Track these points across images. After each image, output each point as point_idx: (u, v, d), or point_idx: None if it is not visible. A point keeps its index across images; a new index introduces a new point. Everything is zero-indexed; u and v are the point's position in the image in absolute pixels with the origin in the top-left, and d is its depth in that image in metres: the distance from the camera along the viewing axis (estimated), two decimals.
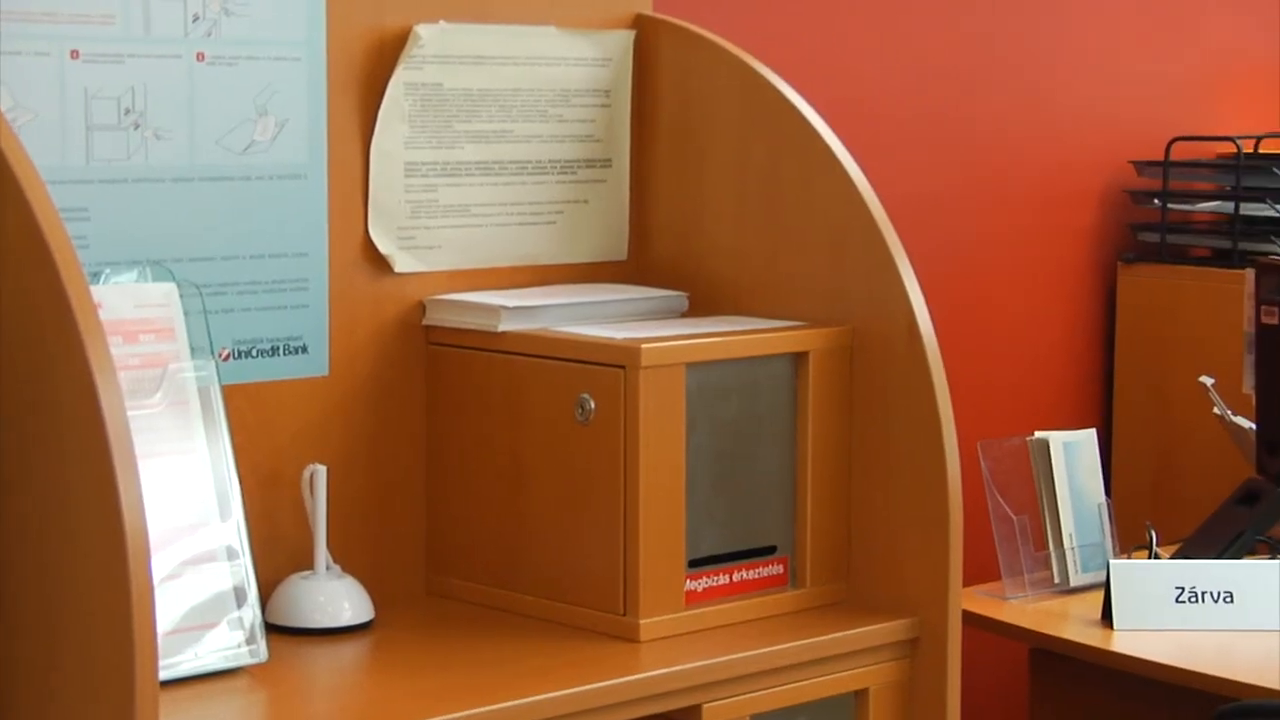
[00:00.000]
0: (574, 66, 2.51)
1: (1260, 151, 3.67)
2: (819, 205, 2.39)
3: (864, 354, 2.36)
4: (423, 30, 2.37)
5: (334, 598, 2.24)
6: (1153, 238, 3.68)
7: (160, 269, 2.15)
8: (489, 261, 2.47)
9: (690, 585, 2.25)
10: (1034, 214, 3.60)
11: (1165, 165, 3.64)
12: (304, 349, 2.32)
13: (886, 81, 3.36)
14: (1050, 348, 3.65)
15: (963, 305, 3.47)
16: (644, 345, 2.20)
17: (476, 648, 2.19)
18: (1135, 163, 3.69)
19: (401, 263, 2.39)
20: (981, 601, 2.94)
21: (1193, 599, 2.83)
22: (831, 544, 2.37)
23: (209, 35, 2.22)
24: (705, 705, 2.14)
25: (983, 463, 2.96)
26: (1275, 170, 3.58)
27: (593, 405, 2.22)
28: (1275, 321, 3.05)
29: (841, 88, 3.24)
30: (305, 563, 2.27)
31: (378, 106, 2.35)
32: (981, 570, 2.99)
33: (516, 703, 1.99)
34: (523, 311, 2.34)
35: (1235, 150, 3.59)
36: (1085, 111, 3.66)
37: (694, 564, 2.26)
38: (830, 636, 2.25)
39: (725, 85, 2.48)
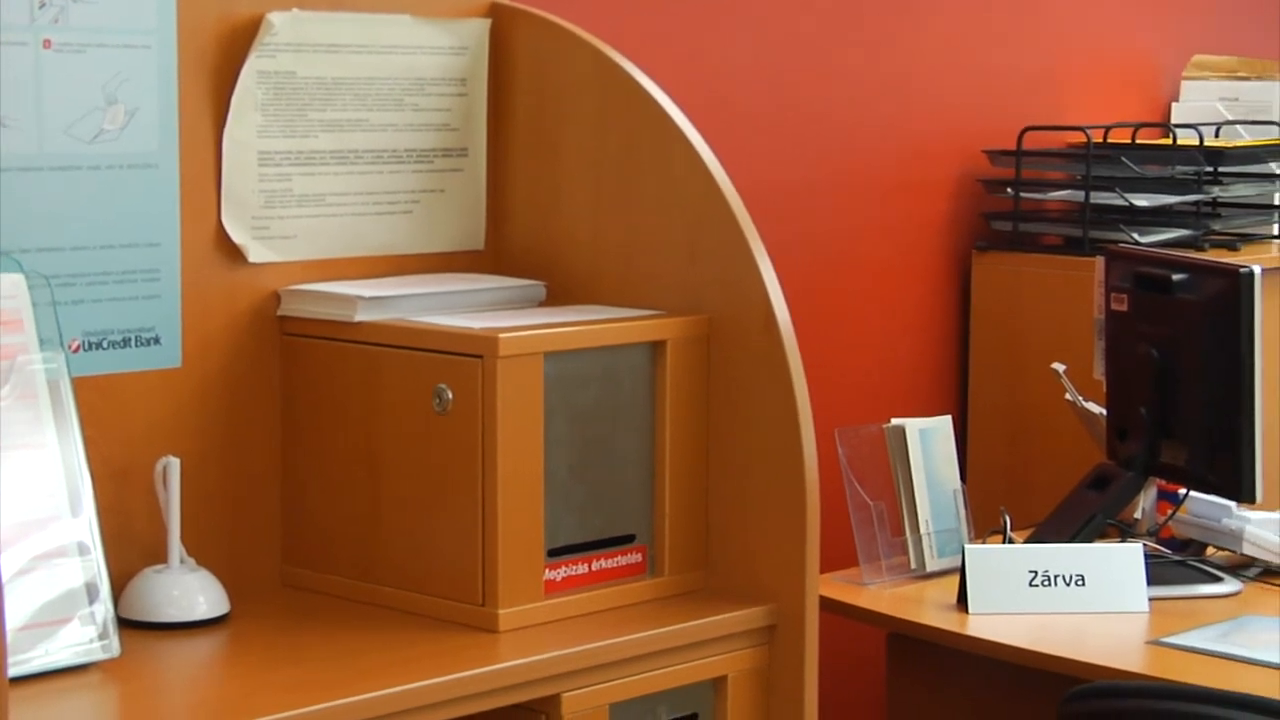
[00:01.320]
0: (429, 55, 2.49)
1: (1109, 141, 3.73)
2: (676, 194, 2.39)
3: (721, 343, 2.37)
4: (275, 18, 2.34)
5: (188, 591, 2.21)
6: (1005, 226, 3.72)
7: (8, 260, 2.11)
8: (344, 251, 2.45)
9: (549, 575, 2.25)
10: (889, 203, 3.63)
11: (1017, 155, 3.69)
12: (156, 340, 2.29)
13: (744, 72, 3.37)
14: (906, 335, 3.69)
15: (819, 294, 3.50)
16: (501, 335, 2.19)
17: (333, 640, 2.17)
18: (988, 152, 3.73)
19: (255, 253, 2.37)
20: (839, 588, 2.97)
21: (1046, 582, 2.87)
22: (689, 532, 2.38)
23: (56, 22, 2.18)
24: (564, 694, 2.14)
25: (840, 450, 2.98)
26: (1124, 159, 3.64)
27: (450, 395, 2.21)
28: (1125, 308, 3.09)
29: (699, 78, 3.25)
30: (159, 557, 2.25)
31: (230, 95, 2.32)
32: (839, 557, 3.02)
33: (373, 695, 1.98)
34: (379, 302, 2.32)
35: (1085, 140, 3.65)
36: (939, 102, 3.70)
37: (553, 553, 2.26)
38: (688, 624, 2.26)
39: (582, 75, 2.48)
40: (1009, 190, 3.71)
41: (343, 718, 1.95)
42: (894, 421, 3.04)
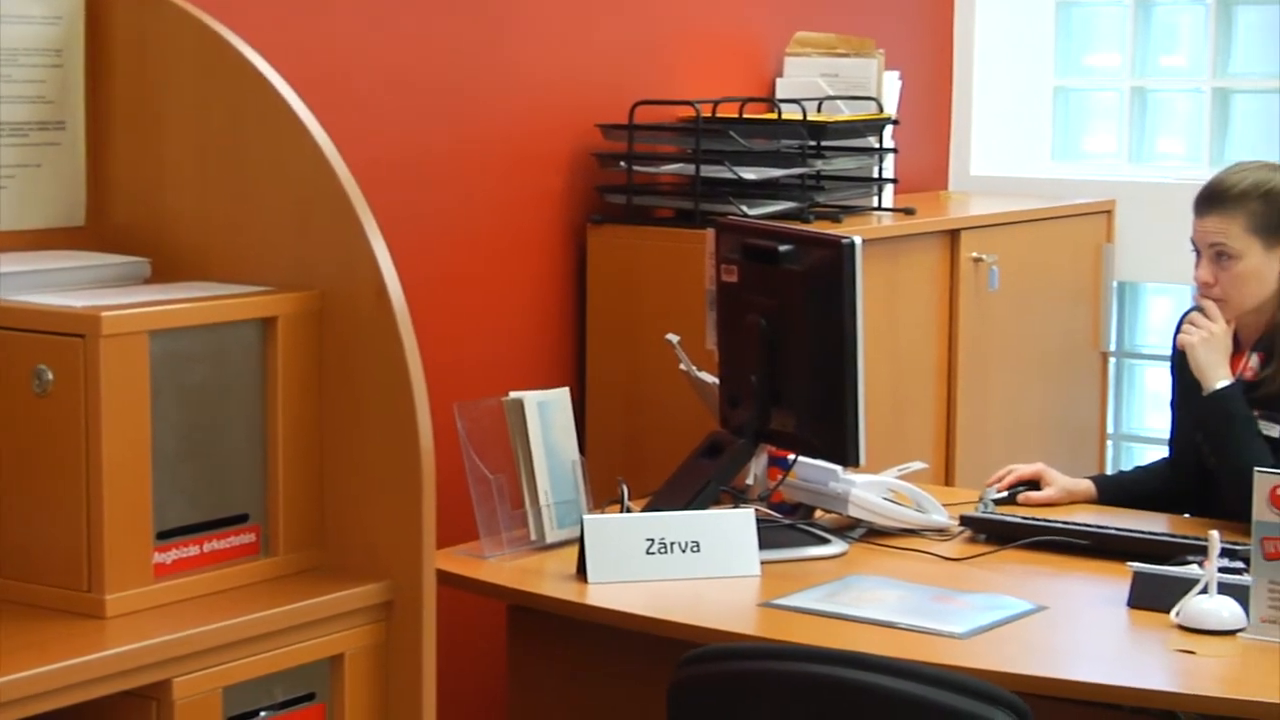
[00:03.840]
0: (20, 24, 2.40)
1: (718, 115, 3.80)
2: (283, 169, 2.35)
3: (333, 319, 2.34)
4: None
5: None
6: (619, 199, 3.77)
7: None
8: None
9: (159, 558, 2.20)
10: (504, 177, 3.64)
11: (629, 129, 3.74)
12: None
13: (357, 45, 3.34)
14: (523, 309, 3.70)
15: (436, 268, 3.49)
16: (104, 313, 2.13)
17: None
18: (601, 126, 3.77)
19: None
20: (460, 561, 2.97)
21: (663, 550, 2.92)
22: (304, 510, 2.35)
23: None
24: (175, 679, 2.09)
25: (459, 424, 2.99)
26: (732, 134, 3.71)
27: (51, 376, 2.14)
28: (735, 279, 3.16)
29: (310, 51, 3.20)
30: None
31: None
32: (461, 531, 3.02)
33: None
34: None
35: (695, 114, 3.71)
36: (552, 76, 3.72)
37: (162, 536, 2.20)
38: (303, 603, 2.23)
39: (183, 47, 2.42)
40: (622, 164, 3.75)
41: None
42: (512, 394, 3.06)
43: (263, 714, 2.19)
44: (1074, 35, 4.88)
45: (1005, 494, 3.33)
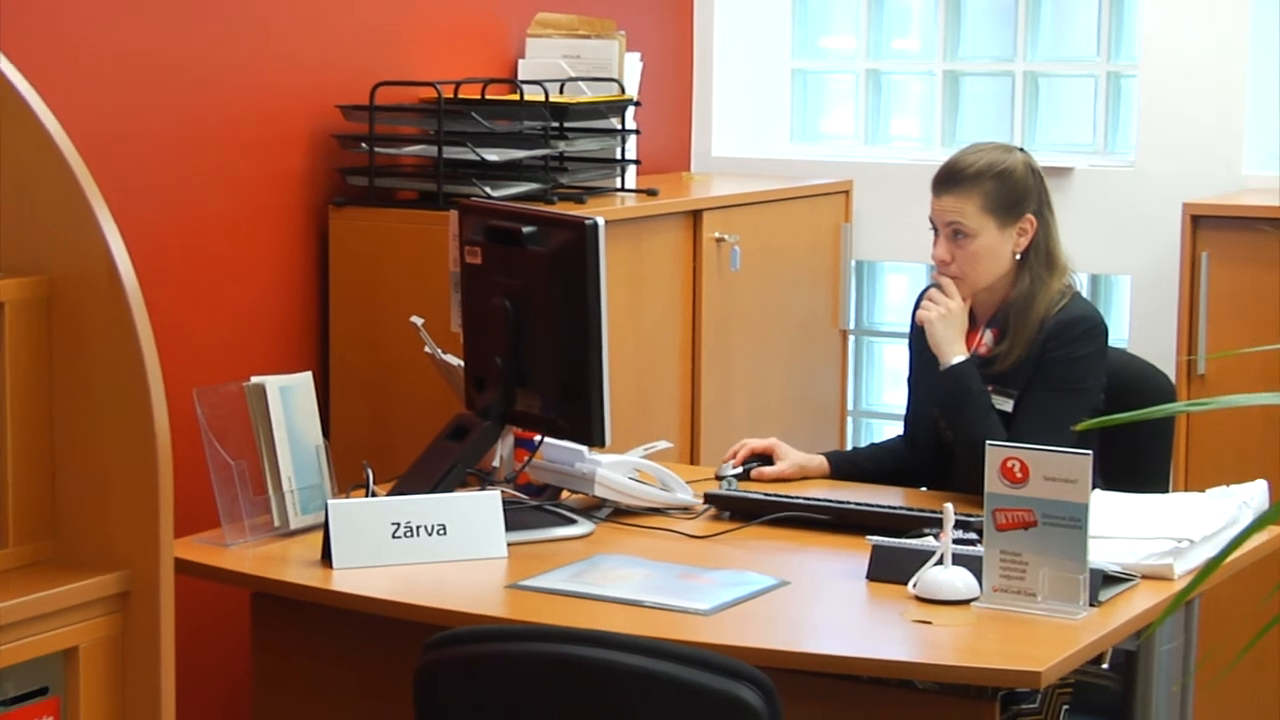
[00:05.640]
0: None
1: (460, 97, 3.78)
2: (4, 149, 2.28)
3: (62, 305, 2.29)
4: None
5: None
6: (362, 181, 3.73)
7: None
8: None
9: None
10: (243, 158, 3.58)
11: (371, 110, 3.70)
12: None
13: (86, 22, 3.25)
14: (265, 292, 3.65)
15: (173, 252, 3.42)
16: None
17: None
18: (342, 107, 3.73)
19: None
20: (200, 550, 2.92)
21: (409, 533, 2.90)
22: (35, 501, 2.29)
23: None
24: None
25: (199, 410, 2.93)
26: (474, 115, 3.70)
27: None
28: (479, 261, 3.15)
29: (35, 28, 3.11)
30: None
31: None
32: (205, 519, 2.97)
33: None
34: None
35: (436, 95, 3.69)
36: (292, 56, 3.67)
37: None
38: (34, 596, 2.18)
39: None
40: (363, 146, 3.72)
41: None
42: (254, 379, 3.01)
43: None
44: (810, 18, 4.95)
45: (740, 470, 3.37)
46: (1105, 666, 2.72)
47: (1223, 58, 4.28)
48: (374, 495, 3.03)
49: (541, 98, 3.78)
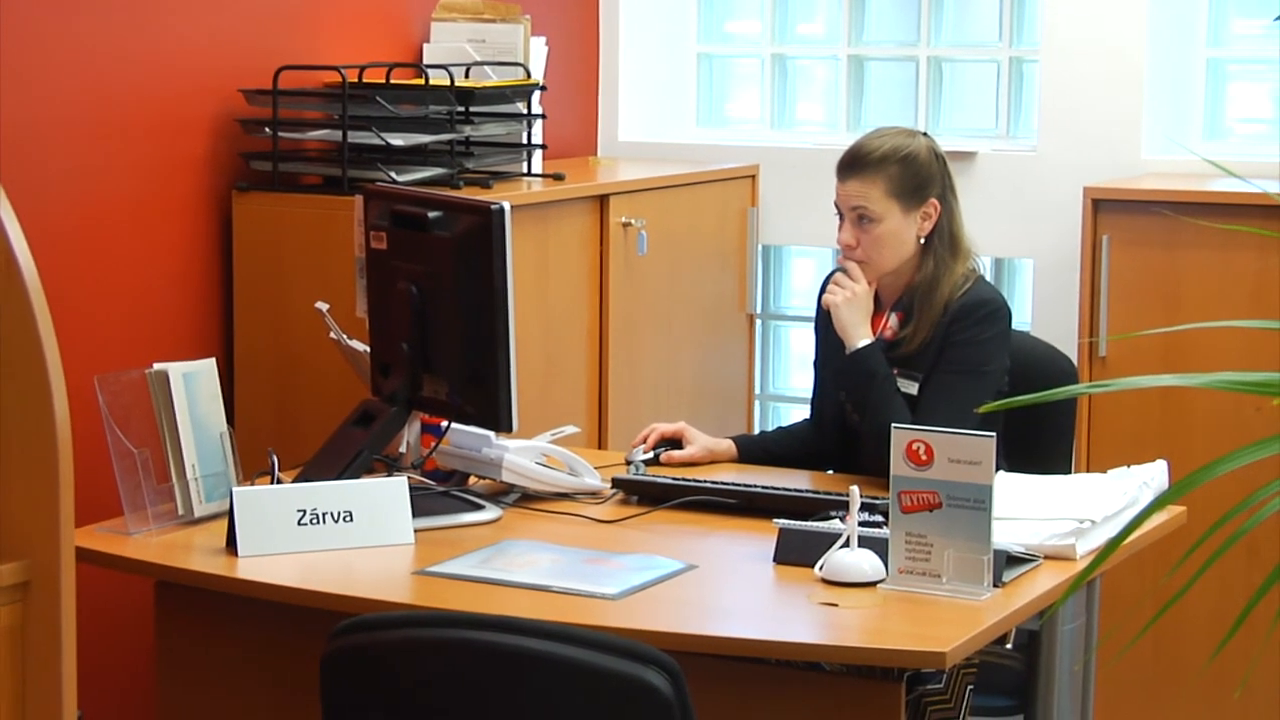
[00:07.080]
0: None
1: (365, 81, 3.76)
2: None
3: None
4: None
5: None
6: (265, 166, 3.70)
7: None
8: None
9: None
10: (144, 143, 3.54)
11: (274, 94, 3.68)
12: None
13: None
14: (167, 279, 3.62)
15: (72, 238, 3.38)
16: None
17: None
18: (245, 91, 3.70)
19: None
20: (103, 538, 2.89)
21: (315, 520, 2.89)
22: None
23: None
24: None
25: (100, 398, 2.90)
26: (379, 99, 3.68)
27: None
28: (384, 246, 3.14)
29: None
30: None
31: None
32: (108, 508, 2.94)
33: None
34: None
35: (341, 80, 3.67)
36: (194, 39, 3.64)
37: None
38: None
39: None
40: (267, 130, 3.69)
41: None
42: (156, 366, 2.99)
43: None
44: (715, 3, 4.96)
45: (650, 454, 3.37)
46: (1009, 646, 2.74)
47: (1123, 44, 4.32)
48: (279, 482, 3.01)
49: (447, 82, 3.77)
